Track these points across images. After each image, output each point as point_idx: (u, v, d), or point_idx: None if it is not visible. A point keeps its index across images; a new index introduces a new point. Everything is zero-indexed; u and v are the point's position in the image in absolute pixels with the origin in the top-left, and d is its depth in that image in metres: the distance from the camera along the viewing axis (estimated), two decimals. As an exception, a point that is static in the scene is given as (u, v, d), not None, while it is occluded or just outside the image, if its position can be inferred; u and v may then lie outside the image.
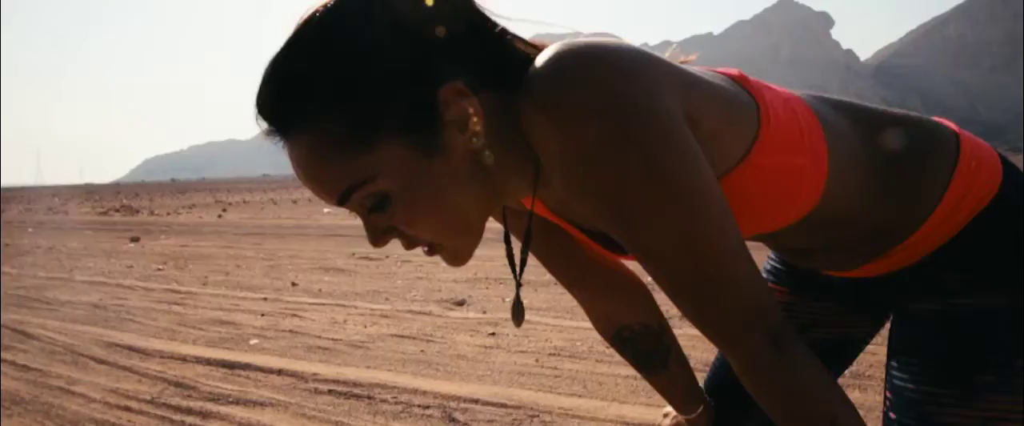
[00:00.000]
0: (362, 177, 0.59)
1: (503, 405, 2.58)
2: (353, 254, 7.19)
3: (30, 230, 12.17)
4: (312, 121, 0.59)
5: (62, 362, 3.30)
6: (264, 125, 0.61)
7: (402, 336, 3.69)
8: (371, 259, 6.77)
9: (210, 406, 2.64)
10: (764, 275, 1.01)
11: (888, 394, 0.79)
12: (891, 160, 0.75)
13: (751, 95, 0.68)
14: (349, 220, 11.81)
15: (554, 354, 3.26)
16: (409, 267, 6.18)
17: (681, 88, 0.61)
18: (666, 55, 0.72)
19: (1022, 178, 0.78)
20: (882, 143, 0.75)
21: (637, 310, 0.92)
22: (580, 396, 2.67)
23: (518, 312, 0.79)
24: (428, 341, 3.58)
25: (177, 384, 2.91)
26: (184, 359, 3.29)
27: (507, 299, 4.63)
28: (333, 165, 0.59)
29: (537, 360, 3.17)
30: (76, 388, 2.89)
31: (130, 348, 3.50)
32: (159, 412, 2.61)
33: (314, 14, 0.59)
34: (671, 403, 0.99)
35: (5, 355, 3.42)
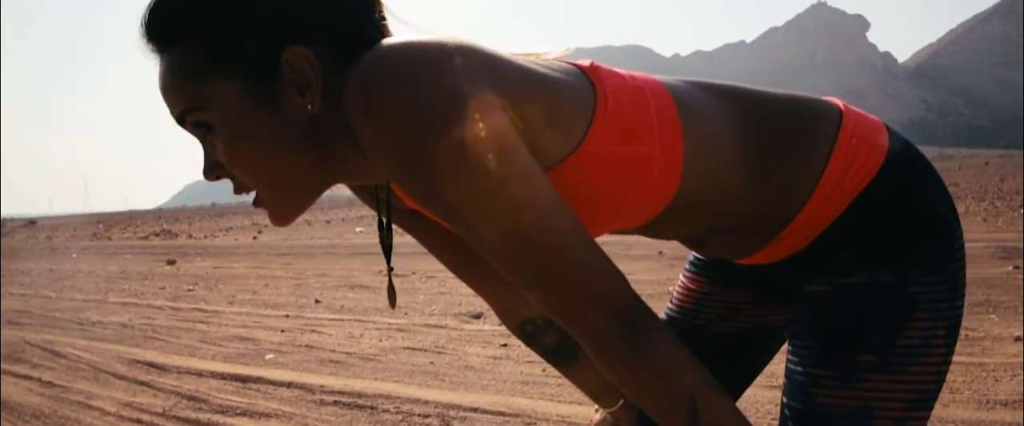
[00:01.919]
0: (197, 104, 0.64)
1: (502, 413, 2.59)
2: (380, 271, 7.27)
3: (74, 255, 12.57)
4: (176, 44, 0.65)
5: (84, 378, 3.40)
6: (145, 45, 0.67)
7: (415, 349, 3.73)
8: (397, 276, 6.83)
9: (218, 418, 2.71)
10: (686, 267, 1.02)
11: (785, 380, 0.78)
12: (767, 144, 0.75)
13: (592, 85, 0.68)
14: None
15: (562, 363, 3.27)
16: (433, 283, 6.23)
17: (497, 79, 0.62)
18: (552, 57, 0.73)
19: (910, 153, 0.77)
20: (759, 128, 0.75)
21: None
22: (580, 403, 2.67)
23: (391, 296, 0.82)
24: (439, 353, 3.62)
25: (190, 397, 2.98)
26: (200, 374, 3.38)
27: (523, 311, 4.64)
28: (178, 86, 0.65)
29: (544, 370, 3.17)
30: (94, 402, 2.98)
31: (150, 364, 3.60)
32: (169, 424, 2.68)
33: None
34: (591, 397, 1.00)
35: (33, 373, 3.55)
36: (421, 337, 4.02)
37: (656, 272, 5.91)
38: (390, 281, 0.82)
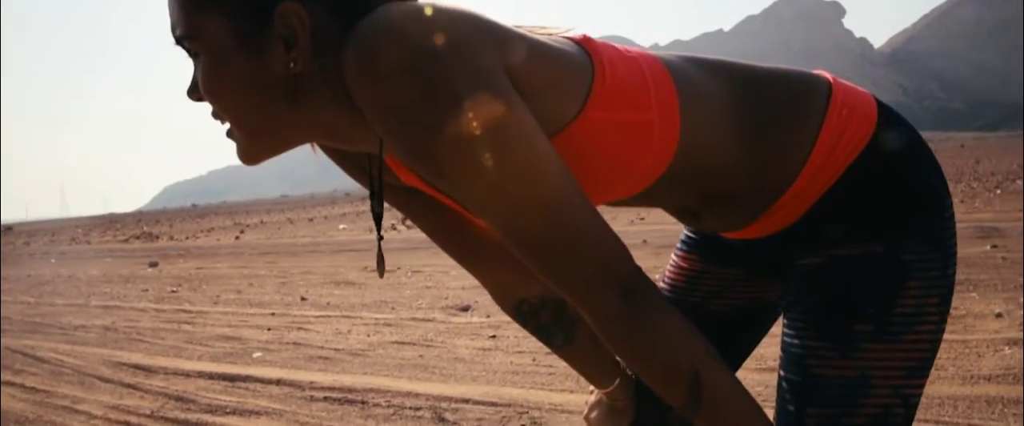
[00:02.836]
0: (189, 32, 0.65)
1: (494, 404, 2.60)
2: (365, 268, 7.25)
3: (53, 261, 12.39)
4: None
5: (69, 383, 3.36)
6: None
7: (403, 343, 3.72)
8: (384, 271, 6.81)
9: (207, 417, 2.69)
10: (678, 245, 1.02)
11: (781, 353, 0.79)
12: (760, 115, 0.75)
13: (589, 55, 0.68)
14: (363, 235, 11.89)
15: (551, 353, 3.26)
16: (419, 278, 6.22)
17: (500, 44, 0.61)
18: (547, 31, 0.73)
19: (898, 124, 0.78)
20: (752, 99, 0.75)
21: (534, 282, 0.91)
22: (571, 392, 2.68)
23: (380, 264, 0.81)
24: (428, 346, 3.61)
25: (178, 398, 2.96)
26: (187, 375, 3.35)
27: (510, 302, 4.64)
28: (178, 9, 0.65)
29: (534, 359, 3.18)
30: (80, 406, 2.95)
31: (136, 366, 3.56)
32: (158, 425, 2.66)
33: None
34: (586, 377, 0.99)
35: (15, 378, 3.50)
36: (409, 331, 4.01)
37: (641, 260, 5.92)
38: (379, 250, 0.81)
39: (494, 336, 3.71)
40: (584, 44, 0.70)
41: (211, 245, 13.25)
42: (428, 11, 0.59)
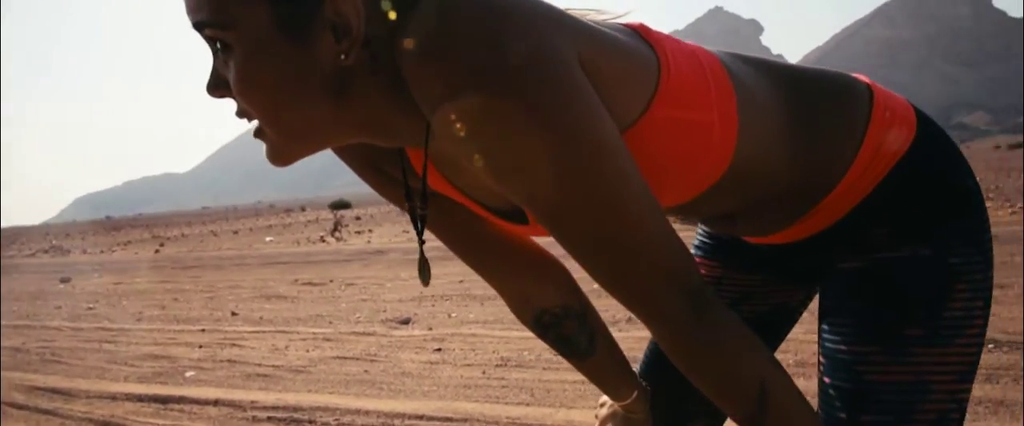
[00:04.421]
0: (219, 20, 0.55)
1: (449, 419, 2.52)
2: (296, 281, 7.02)
3: (-51, 278, 11.53)
4: None
5: (-22, 410, 3.09)
6: None
7: (345, 358, 3.59)
8: (314, 285, 6.62)
9: (139, 444, 2.51)
10: (693, 250, 0.99)
11: (821, 359, 0.76)
12: (807, 115, 0.73)
13: (652, 47, 0.64)
14: (291, 247, 11.55)
15: (501, 365, 3.21)
16: (353, 290, 6.06)
17: (576, 37, 0.57)
18: (603, 17, 0.68)
19: (935, 128, 0.77)
20: (797, 98, 0.73)
21: (556, 291, 0.87)
22: (528, 404, 2.62)
23: (424, 270, 0.74)
24: (372, 361, 3.49)
25: (104, 424, 2.75)
26: (113, 397, 3.13)
27: (453, 315, 4.56)
28: None
29: (484, 372, 3.11)
30: (-7, 436, 2.71)
31: (54, 390, 3.31)
32: (84, 454, 2.46)
33: None
34: (603, 390, 0.95)
35: (-85, 408, 3.19)
36: (350, 345, 3.88)
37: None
38: (422, 255, 0.73)
39: (439, 349, 3.62)
40: (643, 33, 0.66)
41: (129, 259, 12.60)
42: (497, 2, 0.53)
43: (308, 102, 0.58)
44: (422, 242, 0.73)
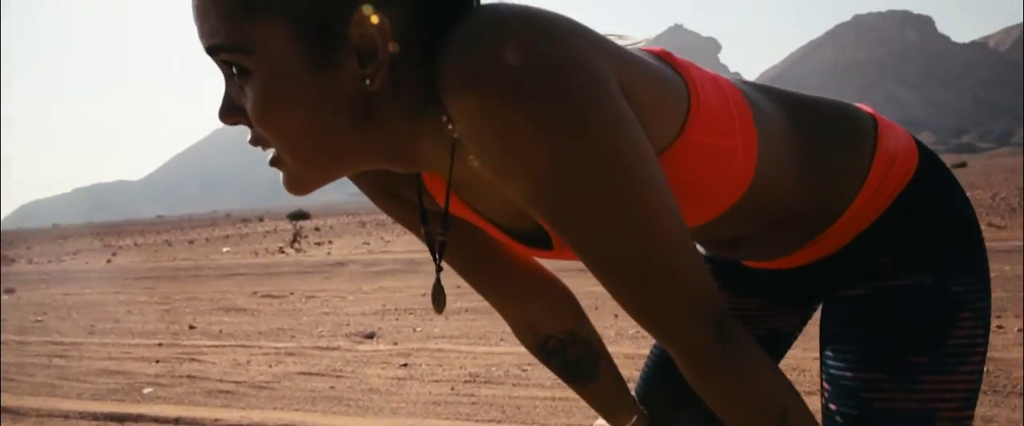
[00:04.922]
0: (236, 44, 0.53)
1: (420, 437, 2.48)
2: (255, 293, 6.87)
3: None
4: None
5: (-80, 430, 2.94)
6: None
7: (310, 373, 3.52)
8: (274, 297, 6.49)
9: (96, 465, 2.41)
10: None
11: (825, 385, 0.77)
12: (815, 143, 0.74)
13: (678, 73, 0.65)
14: (249, 258, 11.33)
15: (470, 381, 3.18)
16: (315, 303, 5.96)
17: (613, 59, 0.56)
18: (629, 42, 0.68)
19: (935, 158, 0.79)
20: (807, 125, 0.74)
21: (562, 316, 0.86)
22: (499, 421, 2.60)
23: (439, 297, 0.72)
24: (338, 377, 3.43)
25: (57, 444, 2.64)
26: (66, 416, 3.00)
27: (418, 329, 4.52)
28: (218, 15, 0.53)
29: (453, 388, 3.08)
30: (-64, 457, 2.58)
31: None
32: (36, 476, 2.36)
33: None
34: (602, 414, 0.95)
35: None
36: (314, 361, 3.80)
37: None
38: (438, 280, 0.71)
39: (405, 364, 3.58)
40: (668, 60, 0.66)
41: (79, 269, 12.20)
42: (541, 19, 0.52)
43: (331, 129, 0.56)
44: (440, 269, 0.71)
